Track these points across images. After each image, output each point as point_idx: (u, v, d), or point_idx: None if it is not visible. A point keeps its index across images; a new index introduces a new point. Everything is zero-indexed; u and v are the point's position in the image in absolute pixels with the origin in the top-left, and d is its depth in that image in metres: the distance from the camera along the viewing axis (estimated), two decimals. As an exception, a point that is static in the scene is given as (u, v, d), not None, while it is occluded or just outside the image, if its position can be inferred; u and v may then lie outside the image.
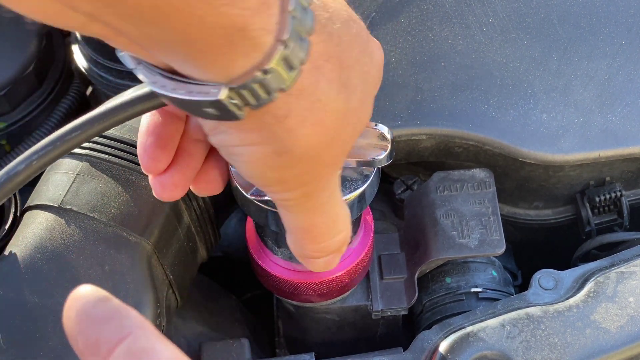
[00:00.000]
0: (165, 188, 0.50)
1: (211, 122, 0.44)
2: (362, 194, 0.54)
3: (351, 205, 0.54)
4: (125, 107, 0.45)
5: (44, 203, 0.57)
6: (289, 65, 0.39)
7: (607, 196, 0.70)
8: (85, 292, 0.30)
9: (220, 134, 0.44)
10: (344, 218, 0.51)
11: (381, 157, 0.51)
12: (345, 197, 0.53)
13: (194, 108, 0.41)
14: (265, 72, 0.38)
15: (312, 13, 0.40)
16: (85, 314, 0.29)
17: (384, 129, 0.51)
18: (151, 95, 0.45)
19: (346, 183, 0.54)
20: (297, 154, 0.43)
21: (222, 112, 0.40)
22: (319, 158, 0.44)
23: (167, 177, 0.50)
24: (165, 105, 0.46)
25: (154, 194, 0.51)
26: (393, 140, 0.52)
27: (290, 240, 0.52)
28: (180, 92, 0.40)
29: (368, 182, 0.54)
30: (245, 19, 0.36)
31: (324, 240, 0.51)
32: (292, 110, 0.41)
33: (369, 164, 0.52)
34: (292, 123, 0.41)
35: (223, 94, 0.39)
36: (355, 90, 0.45)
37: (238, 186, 0.53)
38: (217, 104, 0.39)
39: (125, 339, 0.29)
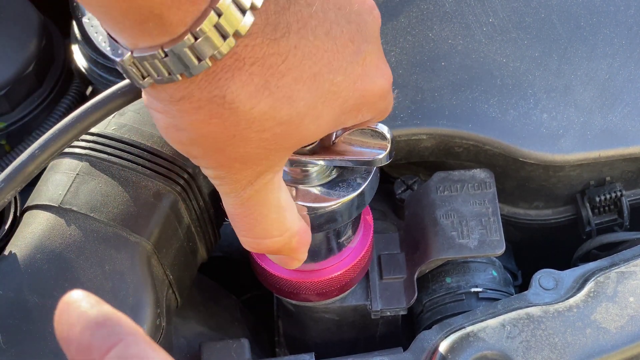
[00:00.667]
0: None
1: None
2: (361, 194, 0.54)
3: (349, 205, 0.54)
4: (123, 90, 0.46)
5: (44, 203, 0.57)
6: (196, 55, 0.39)
7: (608, 196, 0.70)
8: (77, 297, 0.30)
9: (143, 93, 0.45)
10: (276, 224, 0.49)
11: (380, 156, 0.51)
12: (343, 198, 0.53)
13: (110, 60, 0.42)
14: (166, 53, 0.39)
15: (251, 18, 0.39)
16: (77, 319, 0.29)
17: (383, 128, 0.51)
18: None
19: (345, 183, 0.54)
20: (192, 136, 0.43)
21: (127, 75, 0.42)
22: (217, 148, 0.44)
23: None
24: None
25: None
26: (393, 140, 0.51)
27: None
28: (97, 39, 0.42)
29: (365, 183, 0.54)
30: (163, 8, 0.37)
31: (251, 236, 0.50)
32: (188, 96, 0.41)
33: (369, 163, 0.52)
34: (187, 107, 0.42)
35: (125, 58, 0.41)
36: (293, 102, 0.43)
37: None
38: (121, 65, 0.41)
39: (116, 345, 0.29)
